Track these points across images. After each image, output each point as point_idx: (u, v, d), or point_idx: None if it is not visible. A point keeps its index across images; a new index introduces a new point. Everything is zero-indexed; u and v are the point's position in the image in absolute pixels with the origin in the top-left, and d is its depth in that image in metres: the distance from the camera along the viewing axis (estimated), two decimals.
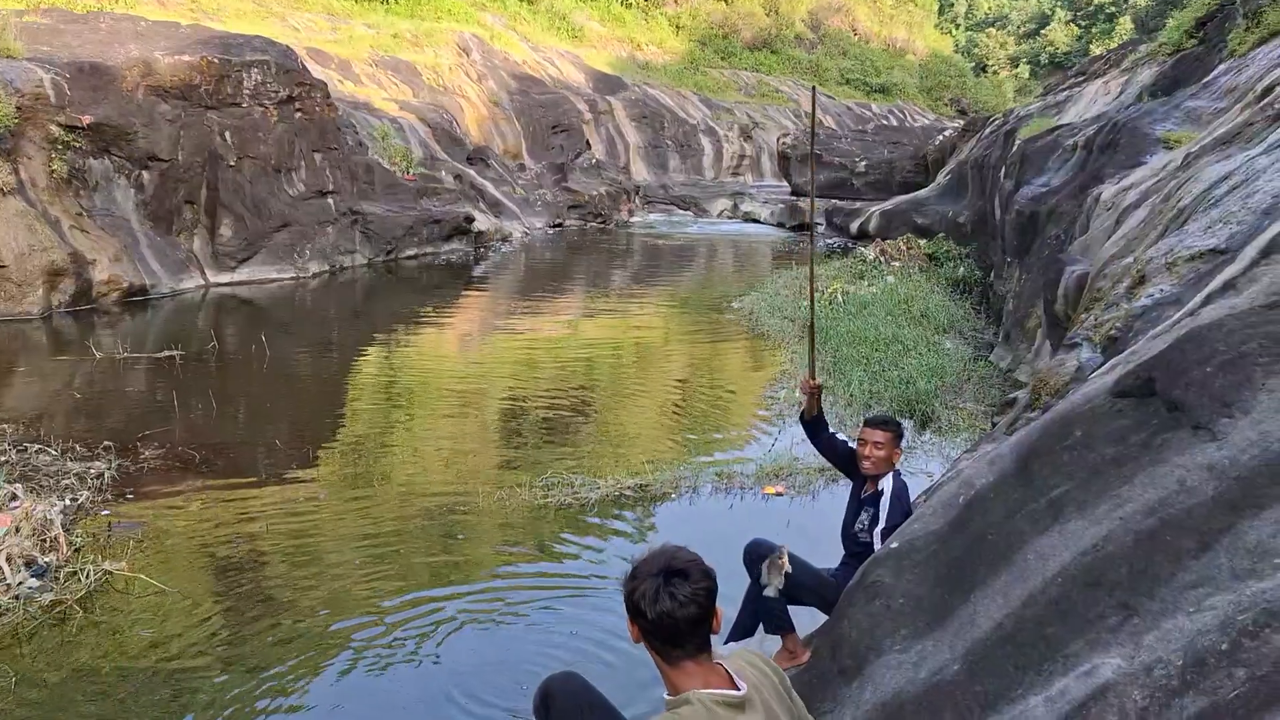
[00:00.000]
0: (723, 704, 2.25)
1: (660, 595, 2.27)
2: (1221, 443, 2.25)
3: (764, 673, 2.44)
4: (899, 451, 4.76)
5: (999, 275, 15.36)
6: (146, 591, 5.82)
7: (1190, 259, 4.64)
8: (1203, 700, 1.68)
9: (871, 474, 4.75)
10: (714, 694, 2.27)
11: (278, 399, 10.56)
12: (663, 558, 2.35)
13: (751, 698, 2.31)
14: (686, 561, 2.34)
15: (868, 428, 4.76)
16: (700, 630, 2.31)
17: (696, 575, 2.31)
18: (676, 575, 2.30)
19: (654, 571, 2.32)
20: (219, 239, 16.71)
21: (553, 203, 28.59)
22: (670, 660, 2.34)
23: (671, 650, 2.32)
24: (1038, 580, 2.31)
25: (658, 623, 2.28)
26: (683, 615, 2.27)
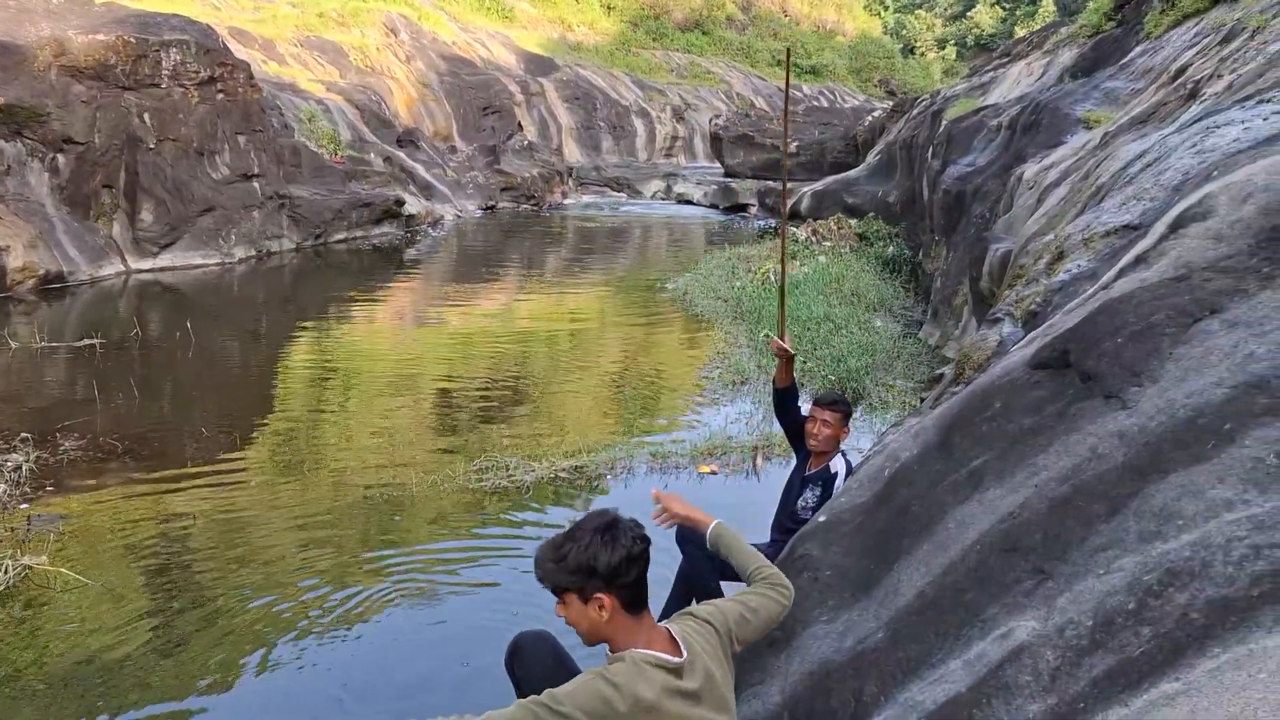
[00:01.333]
0: (656, 665, 2.27)
1: (614, 546, 2.30)
2: (1131, 410, 2.32)
3: (708, 636, 2.47)
4: (846, 431, 4.82)
5: (927, 254, 15.63)
6: (69, 586, 5.67)
7: (1105, 235, 4.76)
8: (1111, 659, 1.74)
9: (817, 450, 4.81)
10: (649, 655, 2.29)
11: (204, 388, 10.33)
12: (589, 521, 2.40)
13: (691, 664, 2.33)
14: (611, 516, 2.42)
15: (817, 407, 4.81)
16: (645, 578, 2.35)
17: (626, 524, 2.39)
18: (611, 527, 2.36)
19: (588, 530, 2.36)
20: (139, 224, 16.24)
21: (485, 185, 28.33)
22: (635, 609, 2.35)
23: (635, 594, 2.34)
24: (958, 548, 2.37)
25: (613, 573, 2.30)
26: (634, 554, 2.31)
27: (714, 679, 2.38)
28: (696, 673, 2.33)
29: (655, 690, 2.22)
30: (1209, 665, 1.55)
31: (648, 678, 2.25)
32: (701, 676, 2.34)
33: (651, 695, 2.21)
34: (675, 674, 2.29)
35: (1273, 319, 2.32)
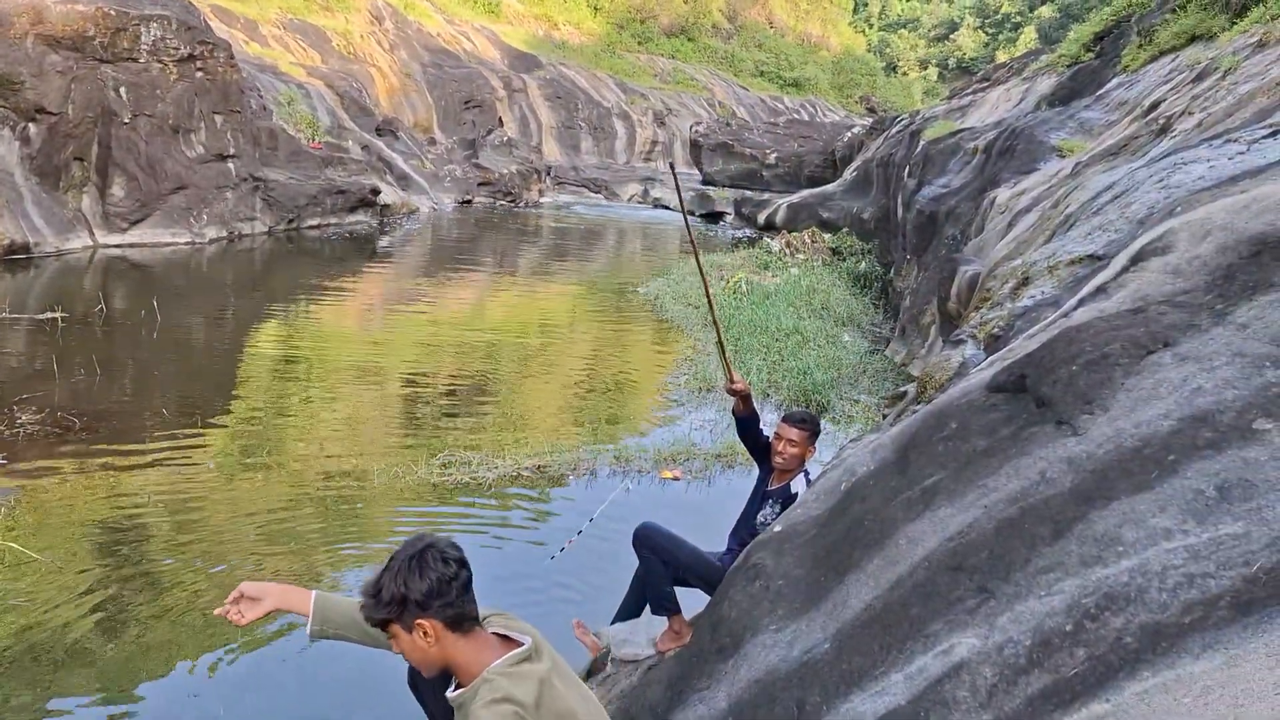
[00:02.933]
0: (514, 663, 2.31)
1: (421, 569, 2.28)
2: (1081, 437, 2.37)
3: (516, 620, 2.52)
4: (812, 450, 4.78)
5: (898, 272, 15.76)
6: (18, 561, 5.60)
7: (1070, 263, 4.85)
8: (1046, 678, 1.78)
9: (781, 468, 4.78)
10: (501, 661, 2.32)
11: (167, 367, 10.23)
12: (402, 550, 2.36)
13: (537, 646, 2.38)
14: (426, 541, 2.37)
15: (785, 424, 4.77)
16: (471, 594, 2.35)
17: (443, 544, 2.35)
18: (425, 551, 2.32)
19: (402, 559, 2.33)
20: (110, 199, 16.05)
21: (462, 179, 28.25)
22: (463, 628, 2.34)
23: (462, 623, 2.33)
24: (906, 564, 2.41)
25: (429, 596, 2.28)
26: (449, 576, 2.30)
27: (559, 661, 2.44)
28: (543, 650, 2.39)
29: (531, 686, 2.26)
30: (1138, 688, 1.60)
31: (518, 675, 2.27)
32: (549, 654, 2.40)
33: (527, 692, 2.24)
34: (529, 660, 2.33)
35: (1221, 355, 2.39)
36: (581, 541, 6.11)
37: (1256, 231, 2.99)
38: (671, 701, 2.98)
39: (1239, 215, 3.18)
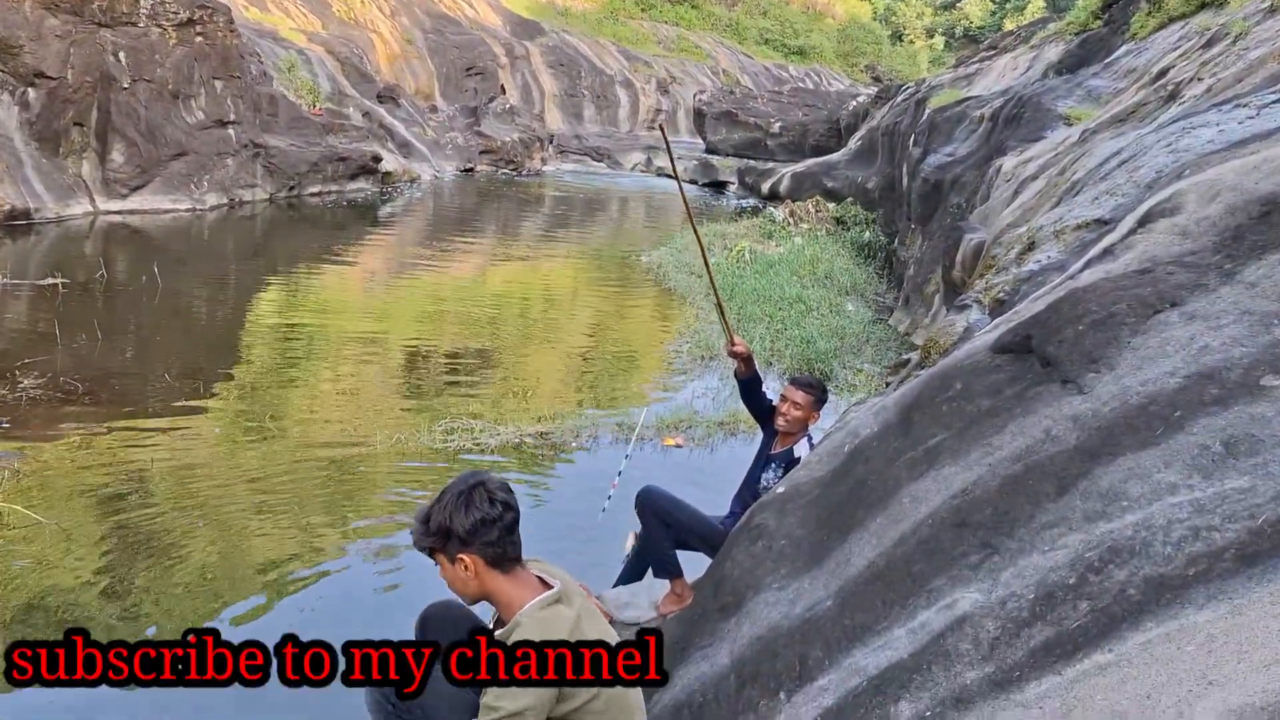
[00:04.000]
0: (546, 605, 2.37)
1: (471, 508, 2.34)
2: (1087, 396, 2.36)
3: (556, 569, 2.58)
4: (817, 416, 4.77)
5: (902, 241, 15.71)
6: (22, 524, 5.62)
7: (1077, 228, 4.82)
8: (1049, 630, 1.78)
9: (785, 431, 4.77)
10: (537, 602, 2.38)
11: (169, 334, 10.22)
12: (455, 484, 2.43)
13: (567, 590, 2.43)
14: (479, 478, 2.42)
15: (791, 386, 4.76)
16: (516, 535, 2.40)
17: (494, 485, 2.41)
18: (476, 488, 2.38)
19: (453, 493, 2.39)
20: (110, 164, 15.97)
21: (464, 147, 28.09)
22: (505, 566, 2.40)
23: (502, 562, 2.39)
24: (909, 522, 2.41)
25: (473, 533, 2.34)
26: (495, 517, 2.35)
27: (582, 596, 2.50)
28: (573, 599, 2.43)
29: (563, 628, 2.31)
30: (1141, 638, 1.59)
31: (547, 622, 2.33)
32: (578, 599, 2.45)
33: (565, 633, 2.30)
34: (561, 602, 2.39)
35: (1229, 313, 2.37)
36: (581, 506, 6.13)
37: (1266, 192, 2.96)
38: (674, 660, 2.99)
39: (1249, 176, 3.15)
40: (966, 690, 1.78)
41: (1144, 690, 1.44)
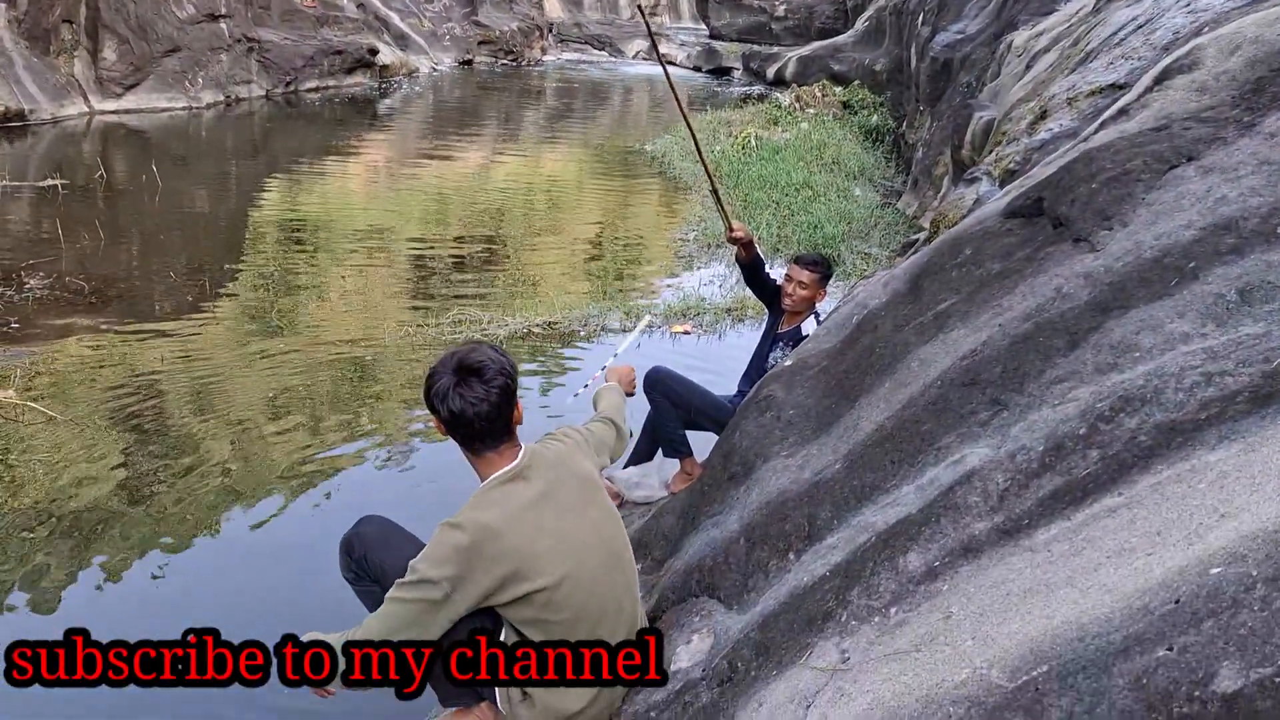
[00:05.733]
0: (498, 485, 2.35)
1: (451, 395, 2.29)
2: (1099, 253, 2.32)
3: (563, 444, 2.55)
4: (823, 294, 4.74)
5: (911, 124, 15.39)
6: (38, 420, 5.68)
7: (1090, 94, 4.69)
8: (1058, 479, 1.78)
9: (791, 310, 4.76)
10: (491, 479, 2.36)
11: (172, 233, 10.15)
12: (457, 356, 2.36)
13: (525, 469, 2.38)
14: (480, 360, 2.33)
15: (795, 265, 4.71)
16: (497, 425, 2.35)
17: (491, 373, 2.32)
18: (471, 374, 2.31)
19: (449, 369, 2.33)
20: (102, 63, 15.65)
21: (462, 37, 27.42)
22: (475, 453, 2.39)
23: (473, 443, 2.37)
24: (918, 385, 2.40)
25: (453, 421, 2.32)
26: (475, 413, 2.29)
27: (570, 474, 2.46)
28: (540, 470, 2.40)
29: (503, 511, 2.29)
30: (1151, 481, 1.59)
31: (493, 501, 2.31)
32: (549, 476, 2.40)
33: (496, 518, 2.27)
34: (519, 479, 2.36)
35: (1247, 164, 2.31)
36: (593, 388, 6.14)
37: None
38: (684, 529, 3.03)
39: (1271, 27, 3.03)
40: (975, 540, 1.79)
41: (1154, 527, 1.44)
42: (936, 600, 1.70)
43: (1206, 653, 1.08)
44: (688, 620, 2.52)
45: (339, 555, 2.59)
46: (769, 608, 2.18)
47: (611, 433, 2.85)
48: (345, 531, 2.61)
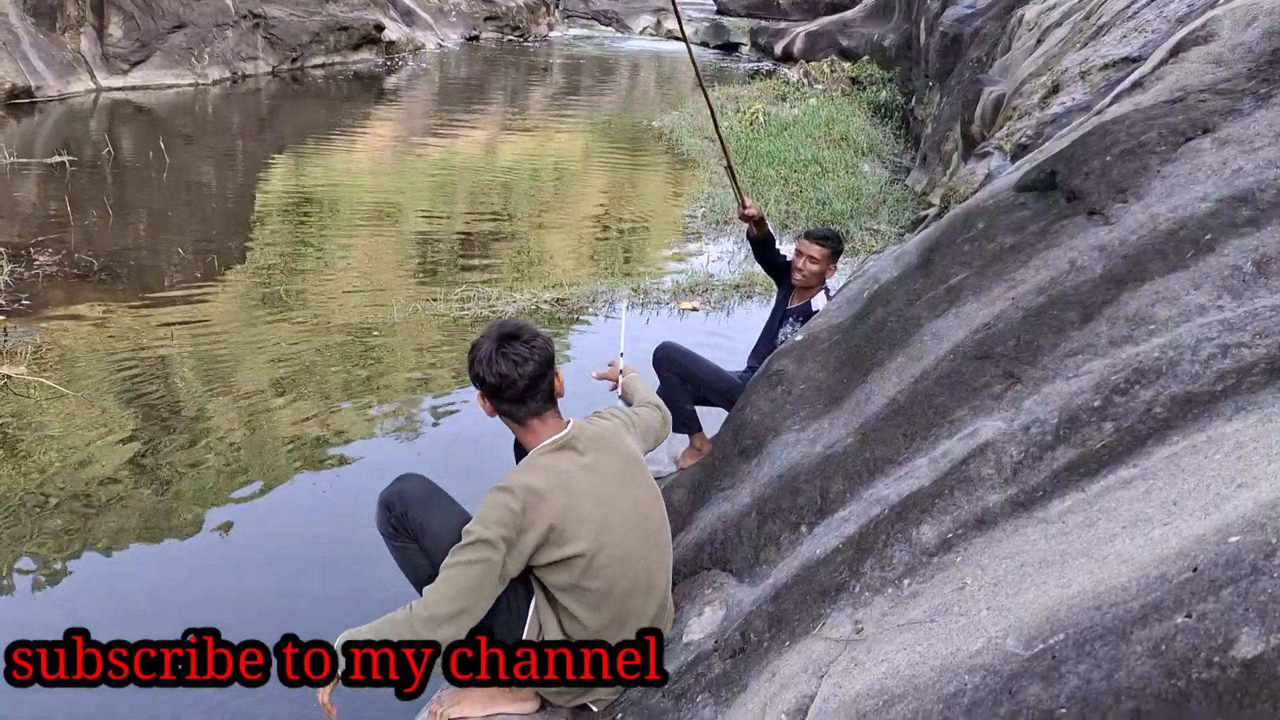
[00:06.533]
0: (546, 451, 2.41)
1: (495, 359, 2.38)
2: (1114, 225, 2.31)
3: (608, 422, 2.60)
4: (833, 269, 4.73)
5: (920, 99, 15.30)
6: (49, 396, 5.70)
7: (1104, 68, 4.65)
8: (1072, 452, 1.78)
9: (801, 285, 4.75)
10: (539, 447, 2.43)
11: (180, 210, 10.15)
12: (495, 327, 2.45)
13: (573, 440, 2.44)
14: (519, 325, 2.45)
15: (806, 240, 4.70)
16: (539, 386, 2.42)
17: (528, 334, 2.42)
18: (510, 338, 2.40)
19: (490, 338, 2.43)
20: (108, 39, 15.60)
21: (468, 13, 27.28)
22: (519, 420, 2.46)
23: (518, 409, 2.43)
24: (931, 358, 2.40)
25: (499, 386, 2.39)
26: (520, 374, 2.37)
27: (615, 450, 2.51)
28: (587, 443, 2.46)
29: (547, 476, 2.34)
30: (1167, 452, 1.59)
31: (539, 467, 2.37)
32: (595, 450, 2.46)
33: (541, 482, 2.32)
34: (569, 448, 2.42)
35: (1264, 135, 2.29)
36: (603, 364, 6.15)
37: None
38: (694, 502, 3.04)
39: None
40: (989, 512, 1.79)
41: (1170, 498, 1.44)
42: (950, 571, 1.71)
43: (1226, 619, 1.08)
44: (699, 593, 2.54)
45: (377, 510, 2.60)
46: (781, 580, 2.18)
47: (659, 418, 2.90)
48: (384, 488, 2.62)
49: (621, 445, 2.54)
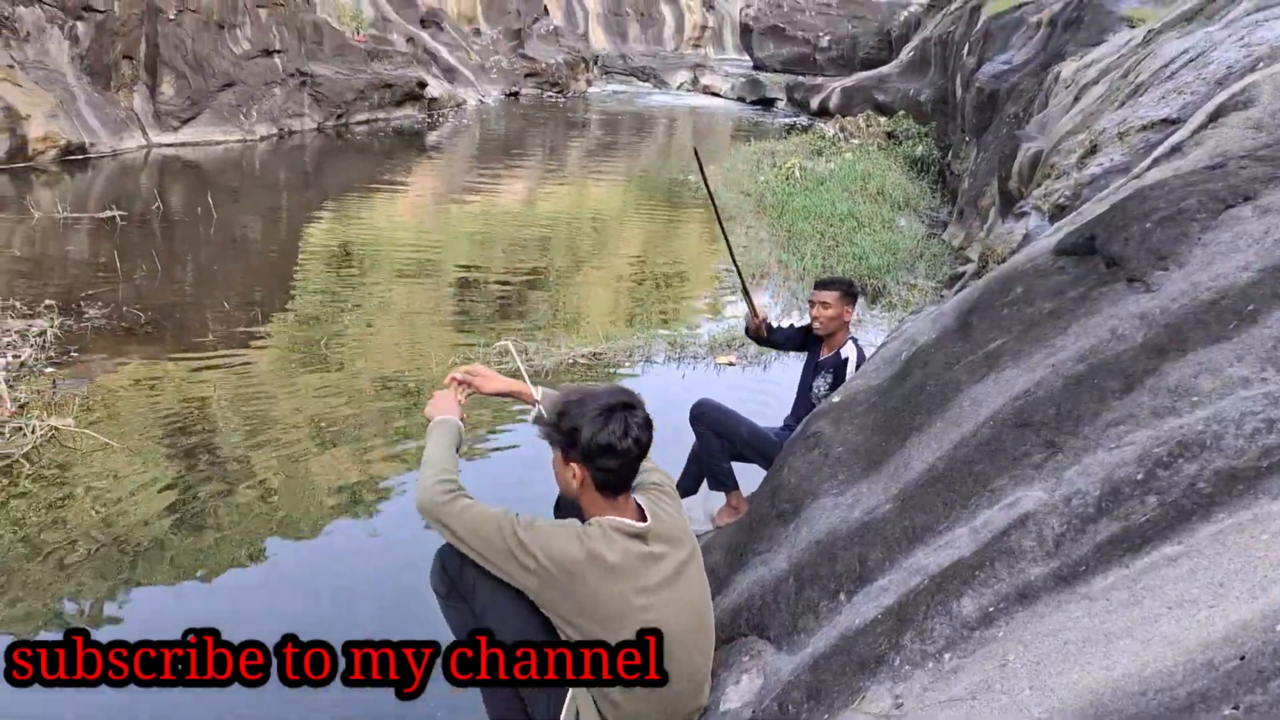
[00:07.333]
0: (622, 532, 2.36)
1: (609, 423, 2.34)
2: (1154, 293, 2.30)
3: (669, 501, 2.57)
4: (850, 310, 4.78)
5: (956, 154, 15.34)
6: (94, 448, 5.79)
7: (1142, 129, 4.65)
8: (1115, 525, 1.77)
9: (823, 333, 4.80)
10: (617, 521, 2.37)
11: (225, 263, 10.37)
12: (606, 392, 2.42)
13: (656, 530, 2.41)
14: (631, 396, 2.43)
15: (816, 289, 4.80)
16: (636, 465, 2.41)
17: (641, 408, 2.42)
18: (627, 407, 2.38)
19: (602, 406, 2.38)
20: (160, 97, 16.08)
21: (509, 70, 27.81)
22: (608, 490, 2.42)
23: (610, 479, 2.40)
24: (970, 425, 2.39)
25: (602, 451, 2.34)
26: (627, 446, 2.35)
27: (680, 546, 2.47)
28: (661, 538, 2.42)
29: (618, 554, 2.31)
30: (1212, 530, 1.57)
31: (612, 542, 2.32)
32: (665, 541, 2.42)
33: (613, 558, 2.29)
34: (640, 538, 2.37)
35: None
36: None
37: None
38: (731, 565, 3.03)
39: None
40: (1031, 585, 1.77)
41: (1216, 578, 1.42)
42: (992, 647, 1.69)
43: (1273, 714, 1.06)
44: (737, 660, 2.52)
45: (432, 565, 2.59)
46: (820, 649, 2.17)
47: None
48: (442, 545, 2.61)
49: (686, 536, 2.51)
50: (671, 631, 2.34)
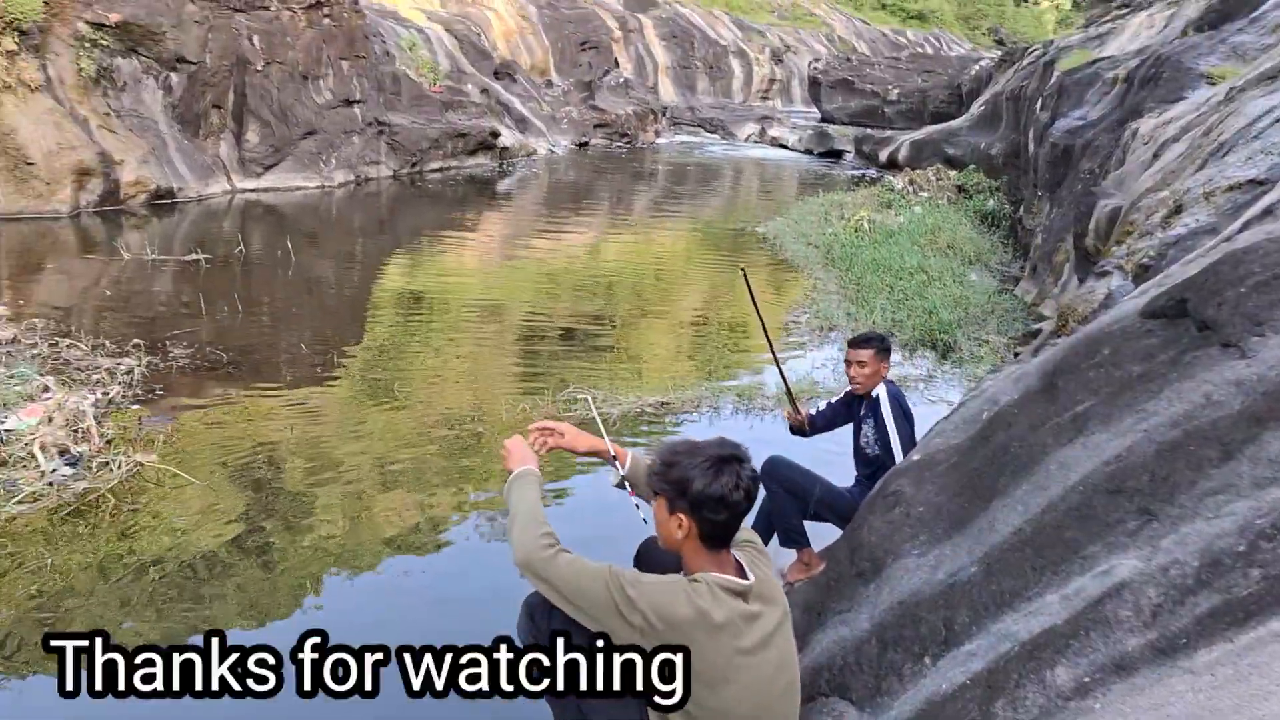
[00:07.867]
0: (728, 590, 2.35)
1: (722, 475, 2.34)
2: (1251, 360, 2.26)
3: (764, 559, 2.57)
4: (886, 366, 4.81)
5: (1029, 209, 15.18)
6: (176, 484, 5.96)
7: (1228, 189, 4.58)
8: (1216, 598, 1.73)
9: (861, 392, 4.83)
10: (722, 579, 2.36)
11: (302, 305, 10.64)
12: (716, 443, 2.42)
13: (757, 589, 2.40)
14: (741, 448, 2.43)
15: (851, 348, 4.84)
16: (742, 518, 2.41)
17: (750, 462, 2.41)
18: (740, 460, 2.39)
19: (711, 455, 2.39)
20: (245, 145, 16.65)
21: (579, 121, 28.28)
22: (713, 541, 2.41)
23: (718, 531, 2.39)
24: (1059, 489, 2.36)
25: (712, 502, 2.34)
26: (736, 498, 2.35)
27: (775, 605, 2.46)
28: (761, 597, 2.41)
29: (724, 613, 2.30)
30: None
31: (719, 601, 2.32)
32: (763, 600, 2.41)
33: (720, 618, 2.28)
34: (743, 597, 2.37)
35: None
36: None
37: None
38: (810, 624, 3.00)
39: None
40: (1128, 657, 1.74)
41: None
42: (1089, 718, 1.66)
43: None
44: None
45: (519, 616, 2.61)
46: (905, 714, 2.14)
47: None
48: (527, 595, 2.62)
49: (780, 596, 2.51)
50: (765, 692, 2.33)
